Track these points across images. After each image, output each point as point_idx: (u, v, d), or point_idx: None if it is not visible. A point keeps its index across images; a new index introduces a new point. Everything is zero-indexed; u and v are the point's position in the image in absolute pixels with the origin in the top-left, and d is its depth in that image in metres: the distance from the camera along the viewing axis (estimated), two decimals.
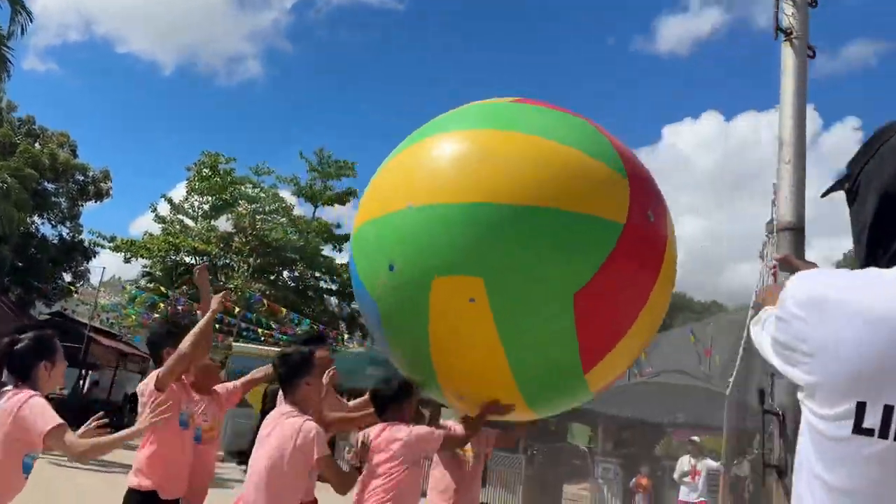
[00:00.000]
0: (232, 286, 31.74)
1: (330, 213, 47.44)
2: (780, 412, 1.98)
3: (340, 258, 37.84)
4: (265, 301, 23.03)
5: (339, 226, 37.99)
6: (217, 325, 21.43)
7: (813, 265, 2.21)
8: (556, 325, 3.38)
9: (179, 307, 26.16)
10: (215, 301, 4.17)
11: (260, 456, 3.54)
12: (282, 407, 3.66)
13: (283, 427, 3.51)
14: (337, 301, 37.71)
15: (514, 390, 3.65)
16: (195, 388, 4.34)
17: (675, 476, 11.59)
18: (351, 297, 37.01)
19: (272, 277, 36.07)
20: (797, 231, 2.11)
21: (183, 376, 4.15)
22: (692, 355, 19.50)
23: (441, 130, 3.67)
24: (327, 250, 37.31)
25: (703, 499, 11.28)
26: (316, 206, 37.94)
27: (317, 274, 36.81)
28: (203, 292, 4.54)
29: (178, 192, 45.33)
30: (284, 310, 23.71)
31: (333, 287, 37.14)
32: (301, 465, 3.49)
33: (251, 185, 37.57)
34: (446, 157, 3.46)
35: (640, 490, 12.70)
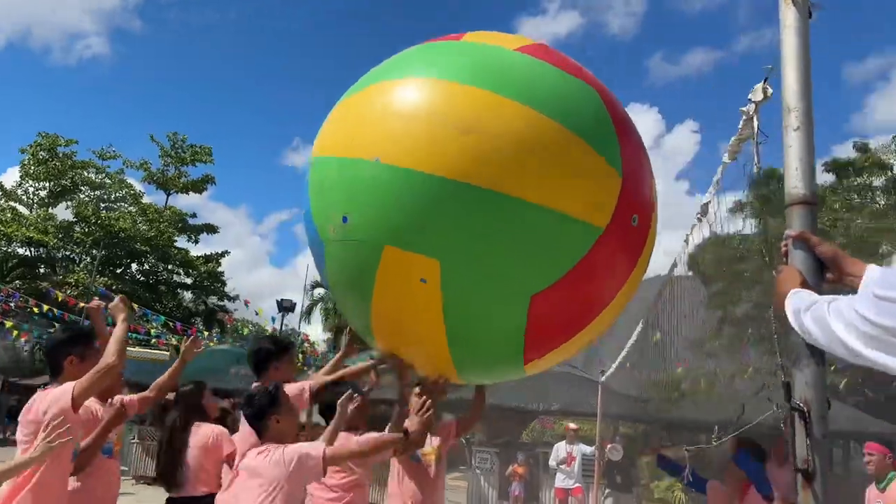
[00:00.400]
0: (72, 280, 29.20)
1: (184, 202, 44.80)
2: (806, 408, 1.75)
3: (196, 250, 35.86)
4: (112, 296, 21.20)
5: (194, 215, 35.96)
6: (56, 323, 19.53)
7: (828, 243, 2.03)
8: (507, 323, 3.17)
9: (12, 304, 23.61)
10: (120, 309, 3.68)
11: (249, 496, 3.18)
12: (256, 449, 3.32)
13: (269, 463, 3.18)
14: (192, 296, 35.64)
15: (450, 366, 3.55)
16: (99, 398, 4.04)
17: (552, 463, 11.72)
18: (208, 292, 35.14)
19: (119, 271, 33.54)
20: (810, 205, 1.89)
21: None
22: None
23: (430, 72, 3.19)
24: (181, 241, 35.19)
25: (577, 484, 11.49)
26: (168, 194, 35.67)
27: (169, 267, 34.62)
28: (99, 329, 4.17)
29: (10, 177, 41.14)
30: (136, 306, 21.98)
31: (188, 281, 35.08)
32: (301, 482, 3.30)
33: (95, 170, 34.68)
34: (427, 115, 3.01)
35: (517, 478, 12.77)
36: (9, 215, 31.44)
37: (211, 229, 36.30)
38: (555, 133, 2.95)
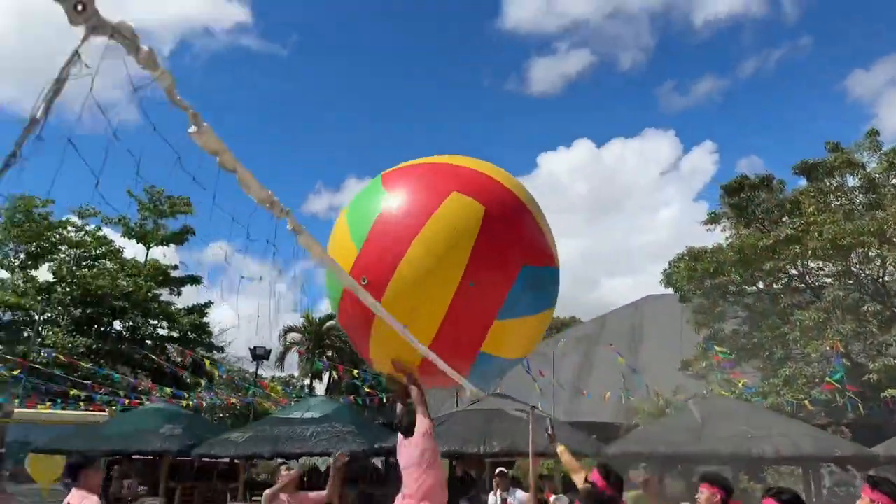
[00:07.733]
0: (50, 342, 28.39)
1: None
2: None
3: (180, 302, 35.02)
4: (58, 356, 20.19)
5: (175, 267, 35.10)
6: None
7: None
8: None
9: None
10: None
11: None
12: None
13: None
14: (178, 348, 34.60)
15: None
16: None
17: None
18: (195, 343, 33.93)
19: (103, 329, 32.73)
20: None
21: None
22: (526, 377, 18.63)
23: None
24: (165, 294, 34.37)
25: None
26: (149, 248, 34.95)
27: (154, 321, 33.76)
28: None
29: None
30: (83, 364, 20.97)
31: (175, 334, 34.12)
32: None
33: (74, 229, 33.97)
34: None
35: None
36: None
37: (195, 281, 35.45)
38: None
